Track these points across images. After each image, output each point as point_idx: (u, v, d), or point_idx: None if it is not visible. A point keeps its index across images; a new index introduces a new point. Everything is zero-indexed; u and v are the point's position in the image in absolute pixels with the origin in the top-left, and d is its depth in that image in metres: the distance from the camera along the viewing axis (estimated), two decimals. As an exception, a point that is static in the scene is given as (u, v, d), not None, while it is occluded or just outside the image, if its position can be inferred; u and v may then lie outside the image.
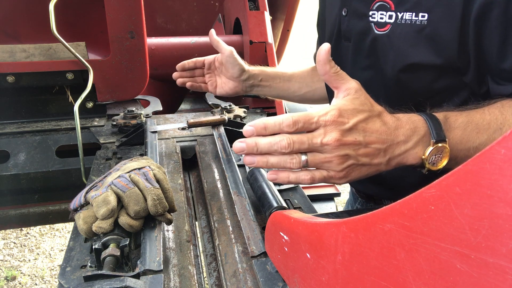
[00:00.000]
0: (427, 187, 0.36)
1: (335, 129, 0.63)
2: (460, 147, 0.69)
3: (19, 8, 1.57)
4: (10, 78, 1.40)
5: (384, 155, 0.66)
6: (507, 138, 0.29)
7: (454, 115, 0.71)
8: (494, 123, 0.70)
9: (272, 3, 2.58)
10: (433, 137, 0.67)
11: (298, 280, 0.61)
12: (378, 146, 0.65)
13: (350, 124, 0.64)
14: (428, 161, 0.67)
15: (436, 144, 0.66)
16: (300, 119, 0.63)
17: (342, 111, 0.64)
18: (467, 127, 0.69)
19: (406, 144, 0.67)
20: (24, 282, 2.74)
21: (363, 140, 0.64)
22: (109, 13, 1.41)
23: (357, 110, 0.65)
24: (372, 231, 0.43)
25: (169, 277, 0.77)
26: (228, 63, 1.18)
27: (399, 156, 0.67)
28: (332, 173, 0.66)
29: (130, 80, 1.53)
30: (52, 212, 1.50)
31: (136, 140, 1.30)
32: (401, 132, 0.67)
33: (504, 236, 0.29)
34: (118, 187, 0.78)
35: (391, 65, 0.85)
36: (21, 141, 1.38)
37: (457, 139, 0.69)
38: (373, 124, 0.66)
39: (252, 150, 0.66)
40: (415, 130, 0.67)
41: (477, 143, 0.70)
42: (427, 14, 0.76)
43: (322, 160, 0.65)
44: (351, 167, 0.66)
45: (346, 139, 0.63)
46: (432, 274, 0.35)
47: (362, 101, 0.66)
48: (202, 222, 1.03)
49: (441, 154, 0.67)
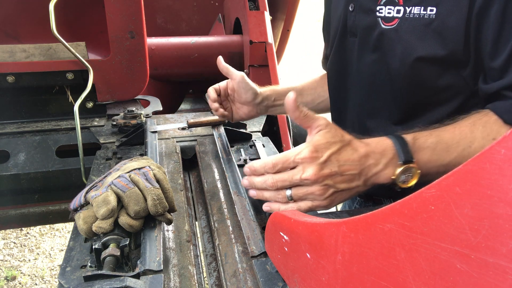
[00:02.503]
0: (427, 187, 0.36)
1: (312, 165, 0.70)
2: (430, 165, 0.74)
3: (19, 8, 1.57)
4: (10, 78, 1.40)
5: (359, 178, 0.73)
6: (507, 138, 0.29)
7: (424, 136, 0.76)
8: (463, 141, 0.74)
9: (272, 3, 2.58)
10: (400, 159, 0.72)
11: (298, 280, 0.61)
12: (352, 172, 0.72)
13: (324, 158, 0.70)
14: (398, 181, 0.73)
15: (403, 165, 0.72)
16: (278, 161, 0.73)
17: (316, 146, 0.71)
18: (436, 147, 0.74)
19: (377, 167, 0.73)
20: (24, 282, 2.74)
21: (338, 170, 0.71)
22: (109, 13, 1.41)
23: (329, 143, 0.72)
24: (372, 231, 0.43)
25: (169, 277, 0.77)
26: (241, 89, 1.14)
27: (373, 177, 0.74)
28: (317, 202, 0.73)
29: (130, 80, 1.53)
30: (52, 212, 1.50)
31: (136, 140, 1.30)
32: (371, 156, 0.73)
33: (504, 236, 0.29)
34: (118, 187, 0.78)
35: (398, 59, 0.86)
36: (21, 141, 1.38)
37: (426, 159, 0.74)
38: (345, 154, 0.72)
39: (251, 186, 0.79)
40: (383, 154, 0.73)
41: (447, 161, 0.74)
42: (435, 8, 0.78)
43: (305, 193, 0.73)
44: (333, 195, 0.73)
45: (323, 172, 0.70)
46: (432, 274, 0.35)
47: (333, 133, 0.73)
48: (202, 222, 1.03)
49: (410, 174, 0.73)
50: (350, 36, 0.98)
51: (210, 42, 2.08)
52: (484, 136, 0.73)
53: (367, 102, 1.00)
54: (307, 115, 0.74)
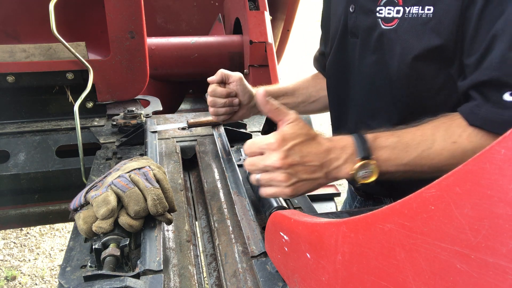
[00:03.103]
0: (427, 187, 0.36)
1: (277, 152, 0.74)
2: (389, 163, 0.78)
3: (19, 8, 1.57)
4: (10, 78, 1.40)
5: (320, 170, 0.77)
6: (507, 138, 0.29)
7: (385, 135, 0.80)
8: (423, 143, 0.77)
9: (272, 3, 2.58)
10: (359, 155, 0.76)
11: (298, 280, 0.61)
12: (314, 163, 0.76)
13: (288, 146, 0.74)
14: (357, 176, 0.76)
15: (361, 161, 0.76)
16: (249, 146, 0.79)
17: (283, 135, 0.75)
18: (396, 147, 0.78)
19: (338, 161, 0.77)
20: (24, 282, 2.74)
21: (300, 160, 0.75)
22: (109, 13, 1.41)
23: (296, 134, 0.76)
24: (372, 231, 0.43)
25: (169, 277, 0.77)
26: (238, 91, 1.15)
27: (334, 171, 0.77)
28: (280, 189, 0.77)
29: (130, 80, 1.53)
30: (52, 212, 1.50)
31: (136, 140, 1.30)
32: (333, 151, 0.77)
33: (504, 236, 0.29)
34: (118, 187, 0.78)
35: (397, 59, 0.87)
36: (21, 141, 1.38)
37: (386, 157, 0.77)
38: (308, 146, 0.76)
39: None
40: (344, 149, 0.77)
41: (406, 160, 0.77)
42: (432, 7, 0.79)
43: (270, 178, 0.76)
44: (296, 184, 0.76)
45: (286, 160, 0.74)
46: (432, 274, 0.35)
47: (301, 126, 0.77)
48: (202, 222, 1.03)
49: (369, 170, 0.76)
50: (351, 37, 0.99)
51: (210, 42, 2.08)
52: (445, 139, 0.76)
53: (368, 103, 1.00)
54: (278, 108, 0.78)
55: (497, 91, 0.72)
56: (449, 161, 0.77)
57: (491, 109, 0.73)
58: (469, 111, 0.76)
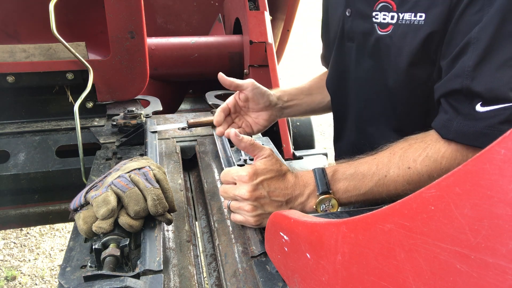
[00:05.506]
0: (427, 187, 0.36)
1: (247, 185, 0.79)
2: (348, 194, 0.82)
3: (19, 8, 1.57)
4: (10, 78, 1.40)
5: (286, 205, 0.82)
6: (507, 138, 0.29)
7: (343, 167, 0.84)
8: (379, 172, 0.81)
9: (272, 3, 2.58)
10: (318, 190, 0.81)
11: (298, 280, 0.61)
12: (279, 199, 0.81)
13: (258, 181, 0.79)
14: (320, 210, 0.81)
15: (321, 196, 0.81)
16: (223, 175, 0.85)
17: (256, 170, 0.80)
18: (353, 178, 0.82)
19: (302, 197, 0.82)
20: (24, 282, 2.74)
21: (267, 194, 0.80)
22: (109, 13, 1.41)
23: (267, 170, 0.81)
24: (372, 231, 0.43)
25: (169, 277, 0.77)
26: (256, 95, 1.08)
27: (298, 206, 0.82)
28: (246, 218, 0.82)
29: (130, 80, 1.53)
30: (52, 212, 1.50)
31: (136, 140, 1.30)
32: (297, 188, 0.82)
33: (504, 236, 0.29)
34: (118, 187, 0.78)
35: (392, 65, 0.87)
36: (21, 141, 1.38)
37: (344, 189, 0.82)
38: (276, 182, 0.81)
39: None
40: (306, 186, 0.83)
41: (363, 190, 0.81)
42: (424, 14, 0.79)
43: (238, 207, 0.82)
44: (261, 215, 0.81)
45: (254, 193, 0.79)
46: (432, 274, 0.35)
47: (273, 162, 0.83)
48: (202, 222, 1.03)
49: (329, 203, 0.81)
50: (347, 41, 0.99)
51: (210, 42, 2.08)
52: (400, 166, 0.79)
53: (366, 109, 1.00)
54: (253, 144, 0.83)
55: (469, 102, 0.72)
56: (406, 187, 0.79)
57: (463, 122, 0.73)
58: (442, 125, 0.77)
